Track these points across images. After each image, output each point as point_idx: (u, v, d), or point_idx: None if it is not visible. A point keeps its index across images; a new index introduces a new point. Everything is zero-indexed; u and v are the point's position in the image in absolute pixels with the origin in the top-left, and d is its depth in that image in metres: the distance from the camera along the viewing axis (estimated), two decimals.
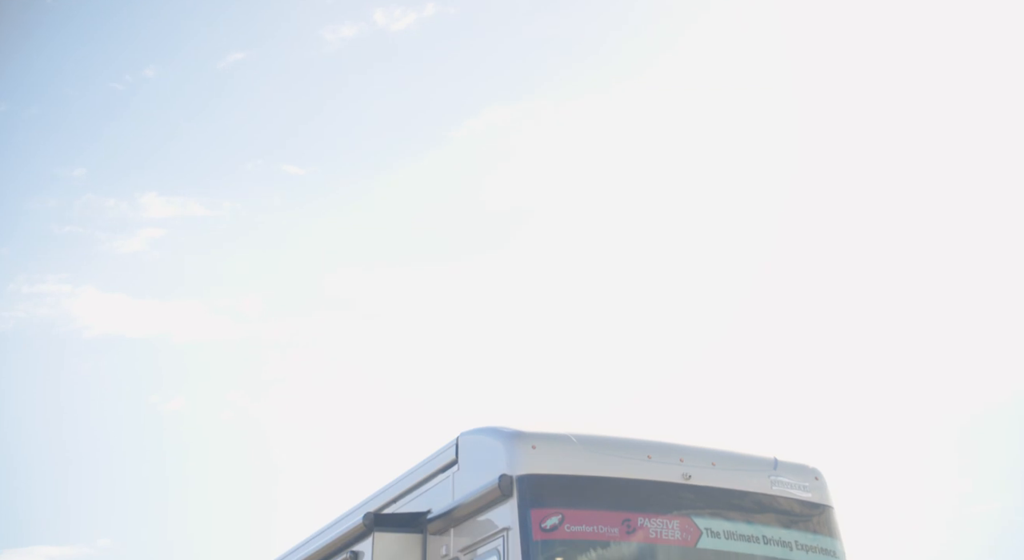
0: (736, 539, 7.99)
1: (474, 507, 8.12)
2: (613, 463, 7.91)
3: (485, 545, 7.95)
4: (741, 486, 8.18)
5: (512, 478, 7.76)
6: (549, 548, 7.50)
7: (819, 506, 8.40)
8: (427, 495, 9.10)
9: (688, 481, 8.02)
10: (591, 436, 8.10)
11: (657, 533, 7.75)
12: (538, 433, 8.04)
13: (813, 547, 8.22)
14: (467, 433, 8.78)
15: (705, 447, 8.35)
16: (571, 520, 7.59)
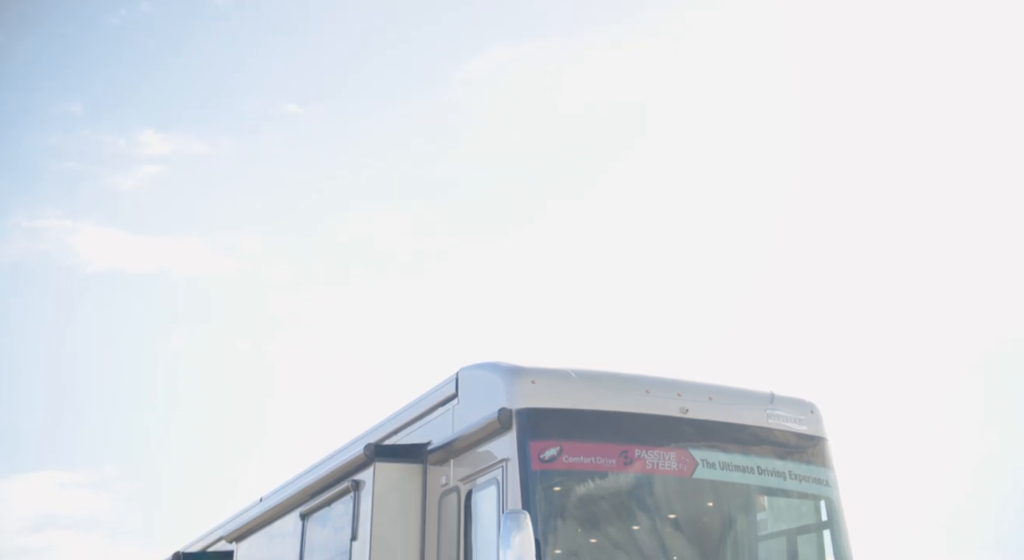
0: (731, 470, 8.13)
1: (474, 439, 8.25)
2: (611, 397, 8.02)
3: (484, 475, 8.09)
4: (737, 419, 8.30)
5: (511, 411, 7.87)
6: (547, 478, 7.64)
7: (814, 438, 8.53)
8: (427, 427, 9.24)
9: (685, 415, 8.13)
10: (590, 371, 8.20)
11: (654, 464, 7.88)
12: (537, 368, 8.14)
13: (806, 477, 8.36)
14: (467, 368, 8.88)
15: (703, 382, 8.46)
16: (569, 451, 7.72)
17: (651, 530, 7.79)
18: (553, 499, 7.61)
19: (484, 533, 7.93)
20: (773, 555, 8.31)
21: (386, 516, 8.74)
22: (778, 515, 8.47)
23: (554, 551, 7.44)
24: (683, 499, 8.03)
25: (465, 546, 8.11)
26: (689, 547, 7.95)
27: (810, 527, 8.42)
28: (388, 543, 8.66)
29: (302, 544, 10.18)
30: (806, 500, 8.42)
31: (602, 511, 7.78)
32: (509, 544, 6.97)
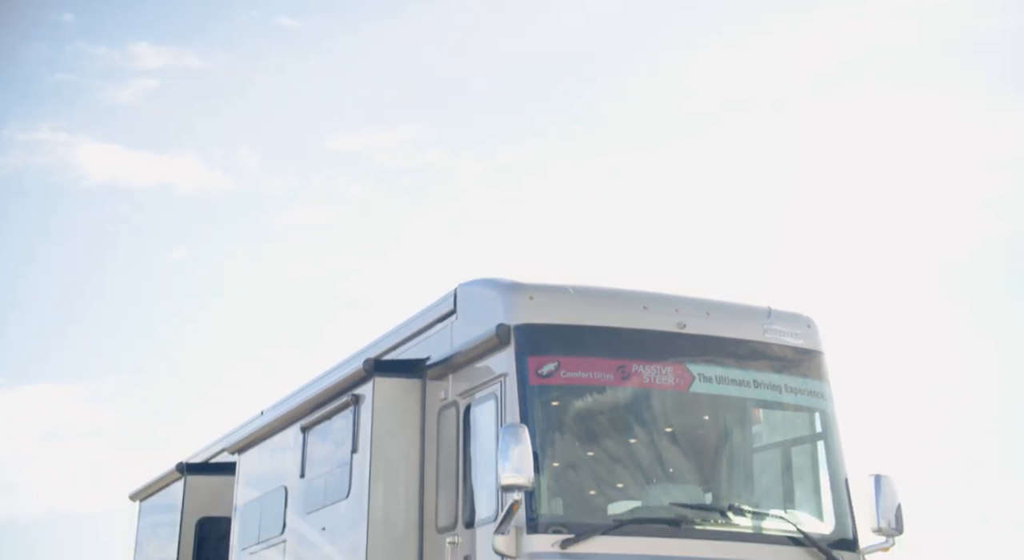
0: (728, 383, 8.21)
1: (472, 354, 8.31)
2: (609, 313, 8.05)
3: (483, 390, 8.17)
4: (734, 334, 8.35)
5: (509, 327, 7.90)
6: (545, 392, 7.71)
7: (810, 352, 8.59)
8: (426, 343, 9.30)
9: (683, 330, 8.17)
10: (588, 287, 8.22)
11: (651, 379, 7.95)
12: (535, 284, 8.16)
13: (802, 390, 8.45)
14: (465, 284, 8.91)
15: (701, 297, 8.48)
16: (567, 366, 7.78)
17: (648, 444, 7.90)
18: (551, 413, 7.69)
19: (483, 447, 8.04)
20: (768, 467, 8.43)
21: (386, 430, 8.86)
22: (773, 428, 8.59)
23: (552, 464, 7.55)
24: (680, 413, 8.12)
25: (464, 459, 8.23)
26: (686, 460, 8.07)
27: (804, 439, 8.53)
28: (388, 456, 8.78)
29: (303, 457, 10.32)
30: (801, 413, 8.52)
31: (599, 425, 7.87)
32: (507, 457, 7.06)
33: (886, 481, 7.96)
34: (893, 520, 7.86)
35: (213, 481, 12.95)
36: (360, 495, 8.86)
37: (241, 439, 12.00)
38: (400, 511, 8.65)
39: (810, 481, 8.40)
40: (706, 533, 7.57)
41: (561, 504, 7.50)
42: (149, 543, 14.44)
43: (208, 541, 12.77)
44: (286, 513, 10.49)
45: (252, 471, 11.67)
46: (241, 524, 11.60)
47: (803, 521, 8.01)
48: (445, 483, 8.39)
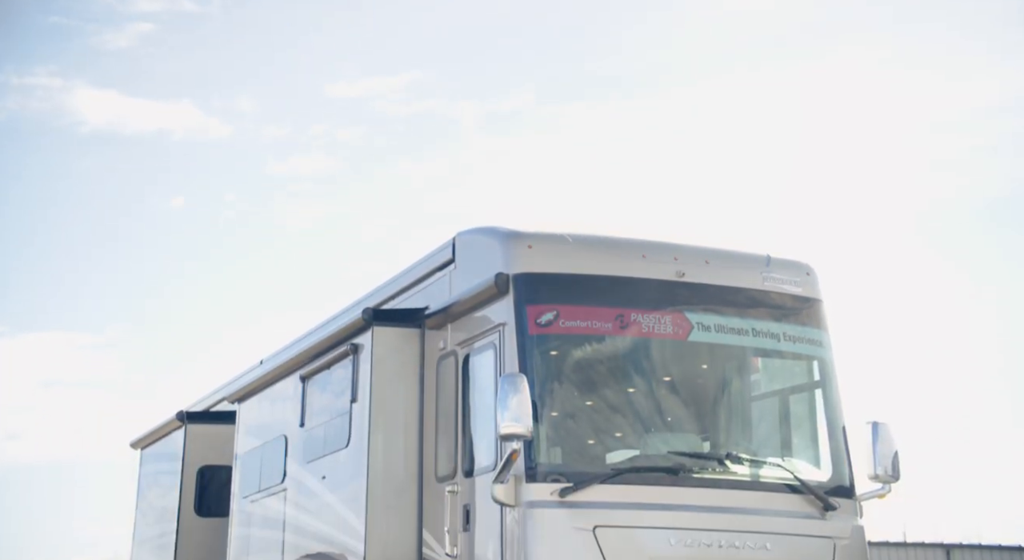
0: (726, 332, 8.19)
1: (471, 304, 8.29)
2: (608, 262, 8.01)
3: (481, 339, 8.16)
4: (733, 282, 8.32)
5: (508, 276, 7.87)
6: (544, 342, 7.70)
7: (809, 300, 8.56)
8: (424, 293, 9.28)
9: (681, 278, 8.14)
10: (587, 236, 8.18)
11: (650, 327, 7.93)
12: (534, 233, 8.11)
13: (800, 338, 8.43)
14: (464, 233, 8.86)
15: (699, 246, 8.44)
16: (565, 315, 7.76)
17: (646, 393, 7.90)
18: (550, 362, 7.68)
19: (481, 396, 8.05)
20: (766, 415, 8.45)
21: (385, 379, 8.87)
22: (772, 376, 8.59)
23: (550, 414, 7.56)
24: (678, 362, 8.12)
25: (463, 409, 8.24)
26: (684, 409, 8.08)
27: (803, 387, 8.54)
28: (387, 405, 8.80)
29: (302, 406, 10.36)
30: (799, 361, 8.52)
31: (598, 374, 7.87)
32: (506, 406, 7.07)
33: (883, 428, 7.98)
34: (890, 467, 7.90)
35: (213, 430, 13.02)
36: (360, 444, 8.89)
37: (241, 388, 12.03)
38: (399, 460, 8.69)
39: (808, 429, 8.42)
40: (704, 481, 7.60)
41: (560, 453, 7.52)
42: (151, 490, 14.56)
43: (209, 489, 12.88)
44: (286, 462, 10.55)
45: (252, 420, 11.72)
46: (242, 472, 11.68)
47: (800, 469, 8.05)
48: (444, 432, 8.42)
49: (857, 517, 8.01)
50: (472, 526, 7.82)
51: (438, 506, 8.28)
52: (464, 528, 7.91)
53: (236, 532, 11.59)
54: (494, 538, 7.50)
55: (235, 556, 11.52)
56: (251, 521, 11.22)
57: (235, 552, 11.53)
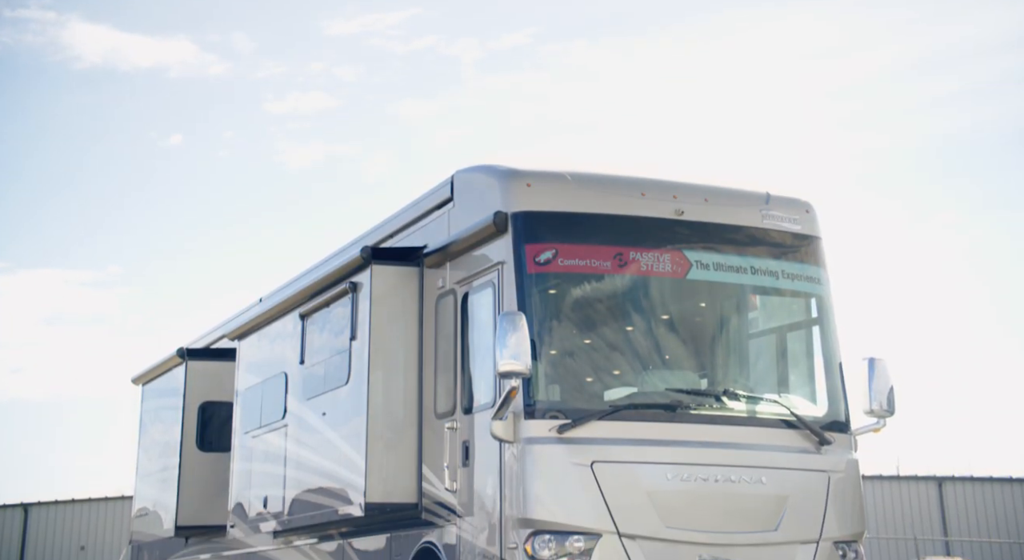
0: (725, 270, 8.20)
1: (469, 242, 8.29)
2: (607, 200, 7.99)
3: (480, 278, 8.17)
4: (732, 220, 8.31)
5: (507, 215, 7.86)
6: (543, 280, 7.71)
7: (808, 237, 8.55)
8: (423, 231, 9.27)
9: (680, 217, 8.12)
10: (586, 174, 8.14)
11: (648, 266, 7.94)
12: (533, 171, 8.07)
13: (799, 275, 8.44)
14: (462, 171, 8.82)
15: (699, 184, 8.41)
16: (564, 254, 7.76)
17: (645, 331, 7.93)
18: (548, 301, 7.70)
19: (480, 334, 8.09)
20: (763, 352, 8.50)
21: (384, 317, 8.90)
22: (770, 313, 8.62)
23: (549, 351, 7.60)
24: (677, 300, 8.14)
25: (462, 347, 8.28)
26: (682, 347, 8.12)
27: (800, 324, 8.57)
28: (386, 343, 8.85)
29: (302, 343, 10.40)
30: (797, 298, 8.53)
31: (597, 313, 7.90)
32: (505, 345, 7.10)
33: (879, 364, 8.04)
34: (885, 402, 7.97)
35: (214, 366, 13.10)
36: (359, 382, 8.95)
37: (241, 326, 12.08)
38: (399, 397, 8.75)
39: (805, 366, 8.47)
40: (701, 417, 7.67)
41: (558, 390, 7.58)
42: (153, 426, 14.69)
43: (211, 424, 12.99)
44: (286, 398, 10.63)
45: (252, 357, 11.79)
46: (243, 409, 11.78)
47: (797, 404, 8.11)
48: (443, 370, 8.47)
49: (852, 451, 8.10)
50: (471, 462, 7.91)
51: (438, 442, 8.36)
52: (463, 464, 8.00)
53: (238, 466, 11.73)
54: (493, 474, 7.59)
55: (237, 490, 11.67)
56: (252, 456, 11.34)
57: (237, 486, 11.68)
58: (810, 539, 7.60)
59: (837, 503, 7.78)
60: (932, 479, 36.59)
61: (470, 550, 7.74)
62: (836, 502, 7.78)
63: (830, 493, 7.77)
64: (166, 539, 13.80)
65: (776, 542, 7.49)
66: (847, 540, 7.80)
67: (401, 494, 8.57)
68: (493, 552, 7.43)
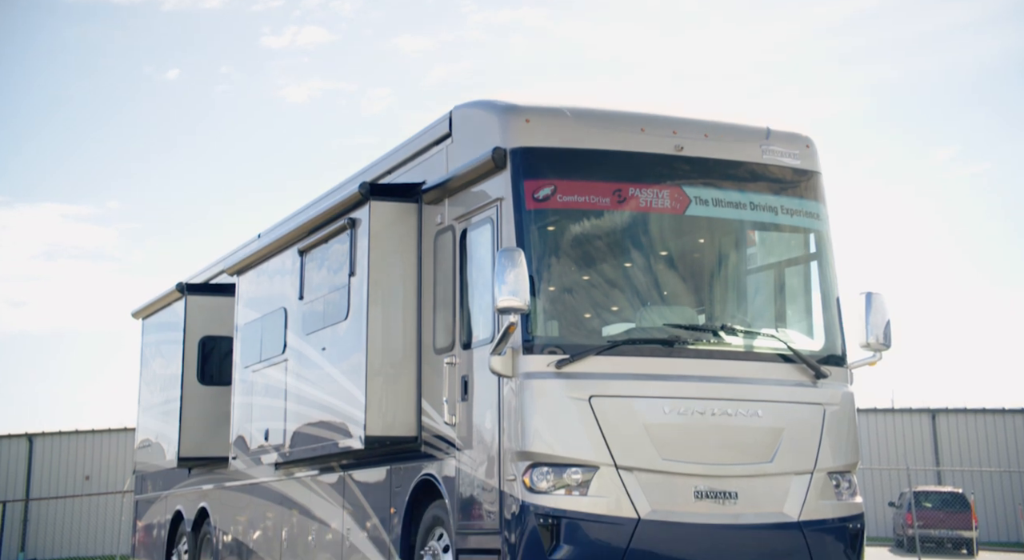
0: (724, 206, 8.18)
1: (468, 178, 8.27)
2: (606, 136, 7.94)
3: (479, 214, 8.16)
4: (732, 156, 8.27)
5: (505, 150, 7.82)
6: (541, 217, 7.71)
7: (807, 172, 8.52)
8: (421, 167, 9.24)
9: (680, 152, 8.09)
10: (585, 109, 8.08)
11: (647, 202, 7.92)
12: (532, 106, 8.01)
13: (798, 211, 8.43)
14: (461, 106, 8.76)
15: (699, 119, 8.35)
16: (563, 190, 7.74)
17: (643, 267, 7.95)
18: (547, 237, 7.71)
19: (479, 270, 8.11)
20: (762, 288, 8.52)
21: (382, 253, 8.91)
22: (768, 249, 8.62)
23: (547, 287, 7.62)
24: (676, 236, 8.14)
25: (461, 283, 8.31)
26: (680, 283, 8.15)
27: (798, 259, 8.58)
28: (385, 279, 8.87)
29: (301, 279, 10.43)
30: (796, 233, 8.53)
31: (595, 249, 7.90)
32: (504, 280, 7.12)
33: (877, 298, 8.07)
34: (881, 336, 8.02)
35: (213, 301, 13.16)
36: (359, 317, 9.00)
37: (239, 261, 12.10)
38: (398, 333, 8.81)
39: (802, 301, 8.50)
40: (698, 352, 7.72)
41: (556, 326, 7.62)
42: (154, 360, 14.79)
43: (211, 358, 13.09)
44: (286, 333, 10.70)
45: (251, 293, 11.83)
46: (243, 343, 11.86)
47: (793, 339, 8.16)
48: (442, 306, 8.51)
49: (847, 384, 8.17)
50: (470, 397, 7.99)
51: (437, 377, 8.43)
52: (462, 398, 8.07)
53: (239, 400, 11.84)
54: (491, 408, 7.67)
55: (238, 422, 11.80)
56: (253, 390, 11.44)
57: (238, 419, 11.81)
58: (804, 470, 7.71)
59: (832, 435, 7.88)
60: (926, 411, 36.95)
61: (469, 482, 7.85)
62: (831, 434, 7.87)
63: (825, 425, 7.85)
64: (169, 470, 13.99)
65: (771, 473, 7.60)
66: (841, 470, 7.91)
67: (400, 428, 8.67)
68: (492, 484, 7.54)
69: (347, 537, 9.59)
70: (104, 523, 32.62)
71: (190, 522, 13.31)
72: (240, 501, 12.03)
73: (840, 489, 7.86)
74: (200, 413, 12.91)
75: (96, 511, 32.94)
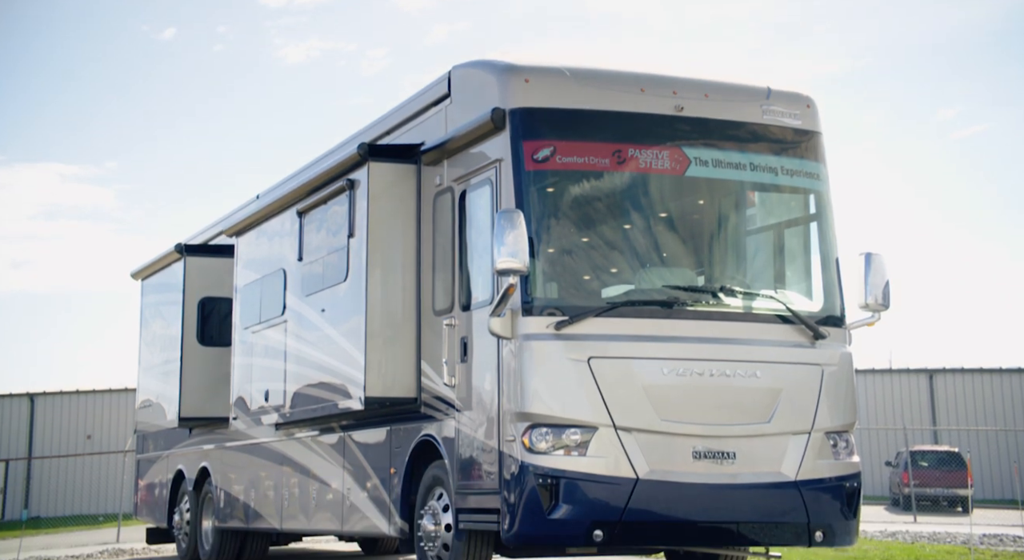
0: (724, 167, 8.16)
1: (467, 139, 8.23)
2: (606, 96, 7.89)
3: (478, 175, 8.14)
4: (733, 116, 8.23)
5: (505, 111, 7.78)
6: (541, 178, 7.68)
7: (808, 132, 8.48)
8: (420, 128, 9.19)
9: (680, 113, 8.05)
10: (585, 69, 8.02)
11: (647, 163, 7.90)
12: (531, 66, 7.96)
13: (798, 171, 8.40)
14: (460, 66, 8.70)
15: (699, 79, 8.30)
16: (563, 151, 7.71)
17: (643, 228, 7.94)
18: (546, 198, 7.69)
19: (479, 232, 8.10)
20: (761, 249, 8.51)
21: (381, 215, 8.90)
22: (768, 210, 8.60)
23: (547, 249, 7.62)
24: (675, 198, 8.12)
25: (460, 245, 8.30)
26: (680, 244, 8.14)
27: (798, 220, 8.56)
28: (384, 241, 8.87)
29: (300, 240, 10.42)
30: (796, 194, 8.51)
31: (595, 210, 7.89)
32: (503, 242, 7.12)
33: (876, 259, 8.07)
34: (880, 296, 8.02)
35: (212, 263, 13.16)
36: (358, 279, 9.00)
37: (238, 222, 12.09)
38: (397, 295, 8.82)
39: (801, 261, 8.50)
40: (697, 313, 7.73)
41: (556, 288, 7.62)
42: (154, 321, 14.82)
43: (211, 319, 13.12)
44: (285, 295, 10.71)
45: (250, 254, 11.83)
46: (242, 304, 11.87)
47: (792, 299, 8.17)
48: (442, 267, 8.51)
49: (846, 345, 8.19)
50: (469, 358, 8.01)
51: (436, 339, 8.45)
52: (462, 360, 8.10)
53: (239, 361, 11.88)
54: (491, 370, 7.69)
55: (239, 383, 11.85)
56: (253, 351, 11.47)
57: (238, 379, 11.85)
58: (802, 430, 7.75)
59: (830, 395, 7.91)
60: (923, 372, 37.09)
61: (469, 443, 7.89)
62: (829, 394, 7.90)
63: (823, 386, 7.89)
64: (170, 430, 14.07)
65: (769, 433, 7.64)
66: (838, 430, 7.95)
67: (400, 389, 8.70)
68: (491, 445, 7.58)
69: (347, 497, 9.66)
70: (106, 482, 32.87)
71: (192, 481, 13.40)
72: (241, 461, 12.11)
73: (837, 449, 7.91)
74: (200, 374, 12.96)
75: (98, 470, 33.18)
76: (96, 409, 34.58)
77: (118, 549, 16.93)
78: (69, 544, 19.04)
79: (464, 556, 7.92)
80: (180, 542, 13.80)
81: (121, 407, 33.96)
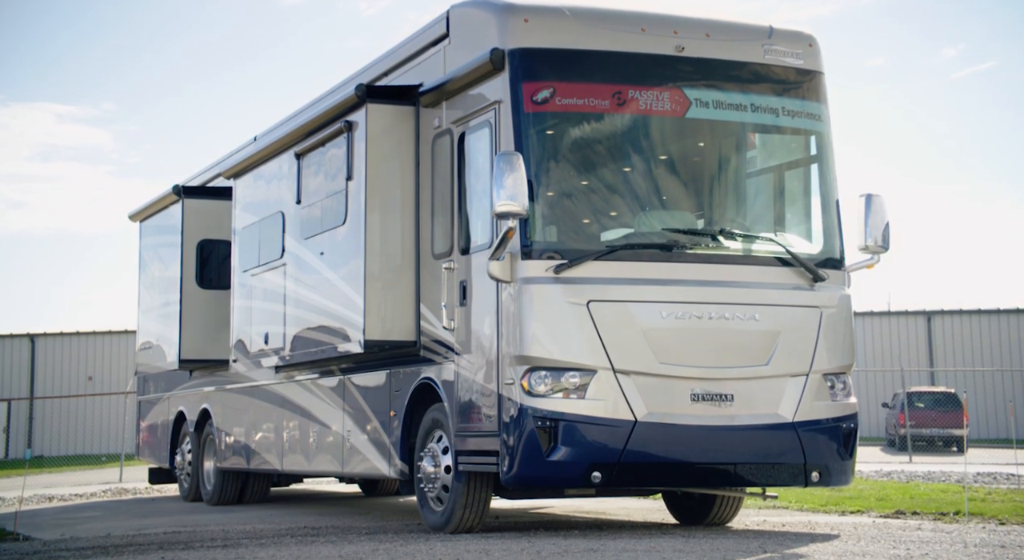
0: (724, 108, 8.09)
1: (465, 81, 8.14)
2: (606, 36, 7.80)
3: (477, 118, 8.07)
4: (734, 56, 8.14)
5: (503, 51, 7.69)
6: (540, 120, 7.62)
7: (810, 73, 8.40)
8: (418, 69, 9.09)
9: (681, 53, 7.96)
10: (585, 8, 7.92)
11: (647, 105, 7.83)
12: (530, 5, 7.85)
13: (800, 112, 8.33)
14: (458, 6, 8.58)
15: (700, 18, 8.19)
16: (562, 93, 7.64)
17: (643, 171, 7.89)
18: (546, 141, 7.63)
19: (478, 175, 8.05)
20: (761, 191, 8.48)
21: (380, 157, 8.84)
22: (769, 152, 8.55)
23: (546, 192, 7.58)
24: (676, 140, 8.06)
25: (459, 188, 8.26)
26: (680, 187, 8.10)
27: (799, 162, 8.52)
28: (383, 183, 8.82)
29: (298, 183, 10.37)
30: (797, 136, 8.46)
31: (595, 152, 7.83)
32: (502, 185, 7.09)
33: (876, 200, 8.03)
34: (880, 238, 8.00)
35: (210, 205, 13.11)
36: (356, 222, 8.97)
37: (236, 164, 12.01)
38: (396, 238, 8.79)
39: (801, 204, 8.47)
40: (696, 257, 7.73)
41: (555, 231, 7.60)
42: (153, 263, 14.80)
43: (210, 262, 13.10)
44: (284, 238, 10.68)
45: (248, 196, 11.77)
46: (241, 247, 11.85)
47: (791, 242, 8.15)
48: (441, 211, 8.47)
49: (844, 287, 8.20)
50: (468, 302, 8.01)
51: (435, 282, 8.45)
52: (461, 303, 8.10)
53: (238, 304, 11.88)
54: (490, 313, 7.70)
55: (238, 326, 11.87)
56: (252, 294, 11.48)
57: (238, 322, 11.87)
58: (800, 372, 7.78)
59: (828, 337, 7.93)
60: (921, 314, 37.19)
61: (468, 386, 7.92)
62: (827, 337, 7.92)
63: (822, 328, 7.90)
64: (171, 372, 14.12)
65: (767, 376, 7.67)
66: (836, 372, 7.98)
67: (399, 332, 8.72)
68: (491, 388, 7.62)
69: (347, 439, 9.72)
70: (108, 422, 33.10)
71: (193, 423, 13.49)
72: (241, 403, 12.17)
73: (835, 390, 7.94)
74: (200, 316, 12.97)
75: (100, 411, 33.39)
76: (97, 351, 34.71)
77: (121, 489, 17.10)
78: (73, 483, 19.24)
79: (463, 497, 8.00)
80: (182, 482, 13.93)
81: (122, 349, 34.08)
